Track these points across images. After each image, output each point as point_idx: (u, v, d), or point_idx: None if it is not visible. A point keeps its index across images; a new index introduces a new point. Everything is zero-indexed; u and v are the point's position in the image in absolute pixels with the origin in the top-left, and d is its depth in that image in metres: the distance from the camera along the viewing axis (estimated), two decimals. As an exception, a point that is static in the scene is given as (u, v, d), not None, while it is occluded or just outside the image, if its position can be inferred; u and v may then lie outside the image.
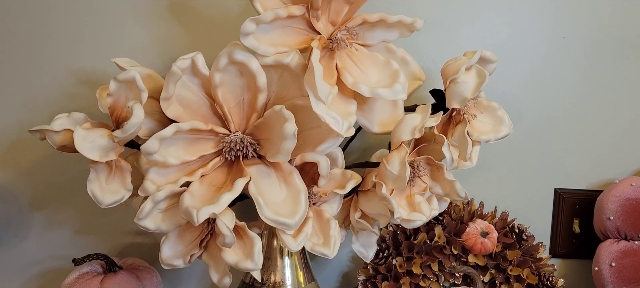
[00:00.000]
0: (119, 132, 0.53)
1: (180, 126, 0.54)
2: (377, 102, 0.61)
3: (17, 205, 0.76)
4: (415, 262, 0.71)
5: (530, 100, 0.77)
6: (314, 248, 0.58)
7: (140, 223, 0.55)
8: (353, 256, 0.80)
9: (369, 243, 0.66)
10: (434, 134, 0.60)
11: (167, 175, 0.57)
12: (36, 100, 0.74)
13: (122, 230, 0.77)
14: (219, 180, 0.57)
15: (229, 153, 0.57)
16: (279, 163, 0.57)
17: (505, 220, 0.73)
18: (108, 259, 0.66)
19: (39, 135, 0.56)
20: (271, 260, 0.65)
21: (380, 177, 0.57)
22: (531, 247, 0.72)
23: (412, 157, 0.59)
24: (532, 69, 0.76)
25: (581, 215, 0.78)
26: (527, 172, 0.78)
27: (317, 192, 0.60)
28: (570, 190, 0.78)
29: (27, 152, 0.75)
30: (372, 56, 0.59)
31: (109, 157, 0.54)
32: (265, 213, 0.54)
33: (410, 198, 0.60)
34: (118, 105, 0.56)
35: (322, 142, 0.57)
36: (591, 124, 0.78)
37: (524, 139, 0.77)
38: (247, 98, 0.57)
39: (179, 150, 0.55)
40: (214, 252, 0.58)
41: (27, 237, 0.76)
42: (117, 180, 0.57)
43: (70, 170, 0.75)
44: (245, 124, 0.58)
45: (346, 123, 0.54)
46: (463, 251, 0.72)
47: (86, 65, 0.73)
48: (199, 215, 0.51)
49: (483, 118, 0.63)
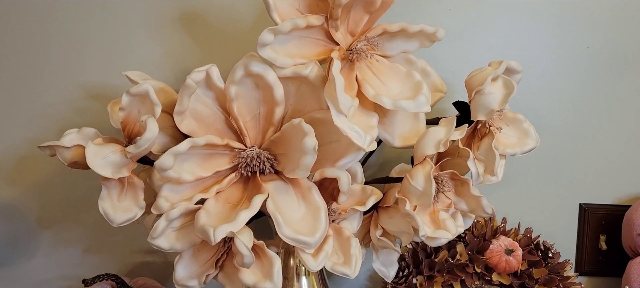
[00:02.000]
0: (132, 148, 0.51)
1: (195, 141, 0.52)
2: (398, 115, 0.59)
3: (24, 224, 0.74)
4: (437, 280, 0.69)
5: (552, 112, 0.75)
6: (334, 267, 0.56)
7: (154, 243, 0.53)
8: (371, 274, 0.77)
9: (390, 262, 0.63)
10: (457, 147, 0.57)
11: (181, 192, 0.55)
12: (44, 116, 0.72)
13: (132, 249, 0.75)
14: (235, 197, 0.55)
15: (245, 169, 0.55)
16: (297, 179, 0.55)
17: (530, 236, 0.71)
18: (119, 279, 0.64)
19: (49, 151, 0.54)
20: (288, 280, 0.63)
21: (404, 193, 0.55)
22: (558, 265, 0.69)
23: (435, 172, 0.57)
24: (555, 80, 0.74)
25: (608, 231, 0.75)
26: (550, 186, 0.76)
27: (337, 208, 0.58)
28: (596, 205, 0.76)
29: (35, 169, 0.73)
30: (393, 67, 0.57)
31: (121, 173, 0.52)
32: (284, 232, 0.51)
33: (435, 215, 0.57)
34: (130, 120, 0.54)
35: (342, 157, 0.55)
36: (617, 136, 0.75)
37: (547, 152, 0.75)
38: (263, 111, 0.55)
39: (194, 166, 0.53)
40: (230, 272, 0.56)
41: (35, 256, 0.74)
42: (129, 198, 0.55)
43: (79, 188, 0.73)
44: (262, 139, 0.55)
45: (369, 137, 0.52)
46: (486, 269, 0.69)
47: (96, 79, 0.72)
48: (216, 233, 0.49)
49: (508, 131, 0.61)
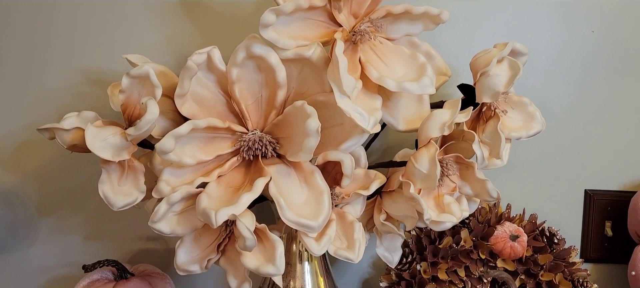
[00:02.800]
0: (133, 130, 0.50)
1: (196, 123, 0.51)
2: (402, 99, 0.58)
3: (24, 210, 0.73)
4: (441, 267, 0.68)
5: (558, 97, 0.74)
6: (337, 252, 0.55)
7: (154, 227, 0.52)
8: (374, 261, 0.76)
9: (394, 248, 0.62)
10: (462, 131, 0.56)
11: (182, 176, 0.54)
12: (45, 101, 0.71)
13: (133, 236, 0.74)
14: (237, 181, 0.55)
15: (247, 152, 0.54)
16: (299, 162, 0.54)
17: (535, 222, 0.70)
18: (119, 265, 0.63)
19: (48, 134, 0.53)
20: (291, 266, 0.62)
21: (408, 177, 0.54)
22: (563, 251, 0.68)
23: (439, 155, 0.56)
24: (560, 64, 0.73)
25: (613, 218, 0.75)
26: (555, 172, 0.75)
27: (340, 193, 0.57)
28: (602, 191, 0.75)
29: (35, 155, 0.72)
30: (397, 49, 0.56)
31: (121, 156, 0.52)
32: (286, 215, 0.51)
33: (439, 199, 0.57)
34: (131, 103, 0.53)
35: (345, 140, 0.54)
36: (623, 122, 0.74)
37: (552, 137, 0.74)
38: (265, 94, 0.54)
39: (195, 150, 0.53)
40: (232, 257, 0.55)
41: (34, 243, 0.73)
42: (130, 182, 0.54)
43: (79, 174, 0.73)
44: (264, 122, 0.55)
45: (372, 118, 0.51)
46: (491, 255, 0.68)
47: (96, 64, 0.71)
48: (217, 216, 0.48)
49: (513, 114, 0.60)
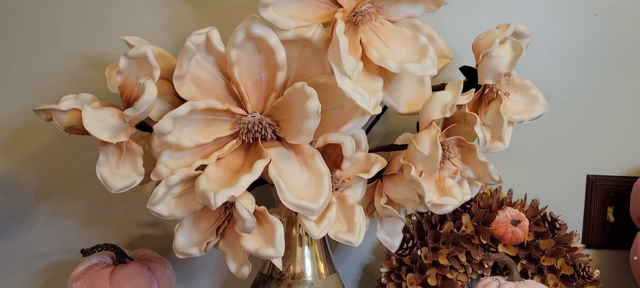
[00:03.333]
0: (130, 111, 0.50)
1: (195, 104, 0.50)
2: (403, 81, 0.57)
3: (22, 195, 0.72)
4: (442, 252, 0.68)
5: (560, 81, 0.73)
6: (337, 235, 0.54)
7: (153, 209, 0.52)
8: (374, 247, 0.76)
9: (395, 232, 0.62)
10: (463, 114, 0.56)
11: (180, 158, 0.53)
12: (42, 85, 0.71)
13: (132, 221, 0.74)
14: (236, 164, 0.54)
15: (247, 135, 0.54)
16: (299, 145, 0.53)
17: (536, 208, 0.69)
18: (118, 250, 0.63)
19: (44, 115, 0.53)
20: (290, 250, 0.62)
21: (409, 159, 0.53)
22: (565, 236, 0.68)
23: (441, 138, 0.56)
24: (562, 49, 0.73)
25: (615, 203, 0.74)
26: (557, 157, 0.74)
27: (340, 176, 0.57)
28: (604, 177, 0.74)
29: (32, 140, 0.72)
30: (398, 31, 0.55)
31: (119, 138, 0.51)
32: (286, 198, 0.50)
33: (440, 182, 0.56)
34: (129, 84, 0.53)
35: (345, 122, 0.53)
36: (626, 106, 0.73)
37: (554, 122, 0.73)
38: (265, 77, 0.54)
39: (194, 132, 0.52)
40: (231, 240, 0.54)
41: (32, 229, 0.73)
42: (128, 164, 0.53)
43: (77, 158, 0.72)
44: (263, 105, 0.54)
45: (373, 100, 0.51)
46: (492, 241, 0.68)
47: (94, 48, 0.70)
48: (216, 198, 0.48)
49: (516, 97, 0.59)
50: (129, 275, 0.60)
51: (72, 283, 0.60)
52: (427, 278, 0.67)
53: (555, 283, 0.66)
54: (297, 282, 0.60)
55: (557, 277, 0.67)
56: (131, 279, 0.60)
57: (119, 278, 0.59)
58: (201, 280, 0.75)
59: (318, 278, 0.61)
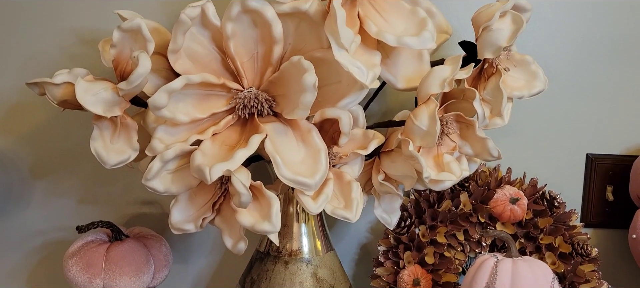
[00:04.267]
0: (124, 84, 0.49)
1: (190, 78, 0.50)
2: (402, 56, 0.57)
3: (18, 173, 0.72)
4: (440, 230, 0.67)
5: (560, 58, 0.72)
6: (334, 211, 0.54)
7: (148, 185, 0.51)
8: (372, 226, 0.76)
9: (392, 209, 0.62)
10: (462, 90, 0.55)
11: (176, 134, 0.53)
12: (36, 62, 0.70)
13: (128, 200, 0.73)
14: (232, 140, 0.53)
15: (243, 110, 0.53)
16: (296, 121, 0.53)
17: (535, 186, 0.69)
18: (114, 227, 0.62)
19: (37, 89, 0.52)
20: (287, 228, 0.61)
21: (407, 134, 0.53)
22: (563, 215, 0.67)
23: (439, 113, 0.55)
24: (563, 25, 0.72)
25: (615, 182, 0.74)
26: (556, 136, 0.74)
27: (337, 152, 0.56)
28: (603, 156, 0.74)
29: (27, 117, 0.71)
30: (397, 4, 0.54)
31: (113, 112, 0.50)
32: (283, 173, 0.50)
33: (438, 159, 0.55)
34: (122, 58, 0.52)
35: (343, 97, 0.53)
36: (626, 85, 0.73)
37: (554, 100, 0.73)
38: (261, 51, 0.53)
39: (189, 107, 0.52)
40: (227, 216, 0.54)
41: (28, 207, 0.73)
42: (122, 139, 0.53)
43: (72, 136, 0.71)
44: (260, 80, 0.53)
45: (371, 73, 0.50)
46: (490, 219, 0.68)
47: (88, 24, 0.69)
48: (212, 172, 0.47)
49: (515, 73, 0.58)
50: (125, 251, 0.60)
51: (67, 260, 0.60)
52: (424, 256, 0.67)
53: (554, 261, 0.66)
54: (294, 259, 0.60)
55: (555, 255, 0.66)
56: (127, 256, 0.59)
57: (114, 255, 0.59)
58: (198, 259, 0.75)
59: (315, 255, 0.61)
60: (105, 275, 0.59)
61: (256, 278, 0.61)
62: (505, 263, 0.52)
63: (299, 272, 0.60)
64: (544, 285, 0.51)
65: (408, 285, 0.66)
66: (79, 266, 0.59)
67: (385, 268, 0.68)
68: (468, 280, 0.54)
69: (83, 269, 0.59)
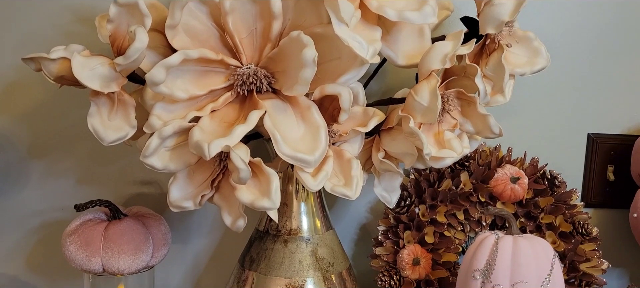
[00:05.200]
0: (121, 59, 0.48)
1: (188, 53, 0.49)
2: (402, 32, 0.56)
3: (15, 153, 0.71)
4: (440, 210, 0.67)
5: (561, 37, 0.72)
6: (334, 189, 0.54)
7: (146, 161, 0.51)
8: (372, 206, 0.75)
9: (392, 188, 0.61)
10: (463, 67, 0.55)
11: (174, 111, 0.52)
12: (32, 41, 0.69)
13: (127, 180, 0.73)
14: (231, 117, 0.53)
15: (241, 87, 0.52)
16: (295, 98, 0.52)
17: (536, 166, 0.69)
18: (112, 206, 0.62)
19: (33, 65, 0.51)
20: (287, 206, 0.61)
21: (408, 111, 0.52)
22: (564, 194, 0.67)
23: (440, 90, 0.54)
24: (566, 2, 0.71)
25: (616, 162, 0.73)
26: (558, 115, 0.73)
27: (337, 130, 0.56)
28: (605, 135, 0.73)
29: (24, 96, 0.70)
30: (398, -21, 0.53)
31: (110, 87, 0.50)
32: (282, 149, 0.49)
33: (439, 136, 0.55)
34: (119, 34, 0.51)
35: (343, 73, 0.52)
36: (628, 63, 0.72)
37: (555, 80, 0.72)
38: (260, 27, 0.52)
39: (187, 83, 0.51)
40: (226, 193, 0.54)
41: (26, 187, 0.72)
42: (120, 116, 0.52)
43: (70, 115, 0.71)
44: (259, 56, 0.53)
45: (371, 48, 0.49)
46: (491, 199, 0.67)
47: (85, 1, 0.68)
48: (210, 148, 0.47)
49: (517, 50, 0.58)
50: (123, 230, 0.59)
51: (66, 238, 0.60)
52: (424, 236, 0.66)
53: (554, 240, 0.66)
54: (294, 237, 0.60)
55: (556, 235, 0.66)
56: (125, 234, 0.59)
57: (113, 233, 0.59)
58: (197, 239, 0.75)
59: (314, 234, 0.61)
60: (104, 253, 0.58)
61: (255, 256, 0.61)
62: (506, 240, 0.52)
63: (299, 250, 0.60)
64: (545, 263, 0.51)
65: (408, 265, 0.65)
66: (78, 244, 0.58)
67: (384, 247, 0.68)
68: (468, 258, 0.53)
69: (82, 247, 0.58)
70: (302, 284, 0.59)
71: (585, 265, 0.66)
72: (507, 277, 0.51)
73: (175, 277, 0.75)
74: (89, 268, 0.59)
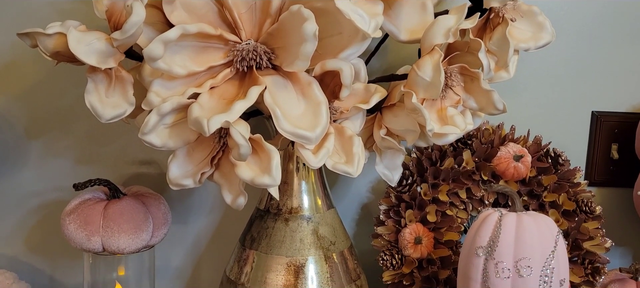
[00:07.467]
0: (118, 34, 0.47)
1: (186, 27, 0.48)
2: (405, 7, 0.55)
3: (12, 134, 0.71)
4: (442, 189, 0.66)
5: (566, 12, 0.70)
6: (335, 166, 0.53)
7: (144, 139, 0.50)
8: (373, 186, 0.75)
9: (394, 165, 0.60)
10: (466, 42, 0.54)
11: (172, 88, 0.51)
12: (27, 19, 0.68)
13: (126, 160, 0.72)
14: (230, 93, 0.52)
15: (241, 63, 0.51)
16: (296, 74, 0.51)
17: (539, 144, 0.68)
18: (112, 185, 0.61)
19: (29, 41, 0.51)
20: (287, 185, 0.60)
21: (410, 86, 0.51)
22: (568, 172, 0.66)
23: (443, 66, 0.53)
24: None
25: (620, 140, 0.72)
26: (562, 93, 0.72)
27: (338, 107, 0.55)
28: (609, 113, 0.72)
29: (21, 76, 0.69)
30: (400, -48, 0.52)
31: (108, 63, 0.49)
32: (282, 126, 0.48)
33: (442, 113, 0.54)
34: (116, 9, 0.50)
35: (344, 49, 0.51)
36: (633, 41, 0.71)
37: (559, 57, 0.71)
38: (259, 2, 0.51)
39: (186, 59, 0.50)
40: (226, 170, 0.53)
41: (24, 167, 0.72)
42: (118, 93, 0.51)
43: (68, 95, 0.70)
44: (258, 32, 0.52)
45: (373, 22, 0.48)
46: (493, 177, 0.67)
47: (81, -21, 0.68)
48: (210, 123, 0.46)
49: (521, 25, 0.57)
50: (123, 208, 0.59)
51: (65, 217, 0.59)
52: (426, 215, 0.66)
53: (557, 219, 0.65)
54: (295, 216, 0.59)
55: (559, 213, 0.66)
56: (125, 213, 0.58)
57: (112, 212, 0.58)
58: (197, 219, 0.74)
59: (316, 212, 0.60)
60: (104, 232, 0.58)
61: (256, 235, 0.60)
62: (510, 217, 0.51)
63: (300, 229, 0.59)
64: (549, 239, 0.51)
65: (409, 244, 0.65)
66: (77, 223, 0.58)
67: (386, 227, 0.67)
68: (471, 235, 0.53)
69: (81, 226, 0.58)
70: (304, 263, 0.58)
71: (588, 244, 0.65)
72: (510, 254, 0.50)
73: (176, 257, 0.75)
74: (89, 247, 0.59)
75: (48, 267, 0.74)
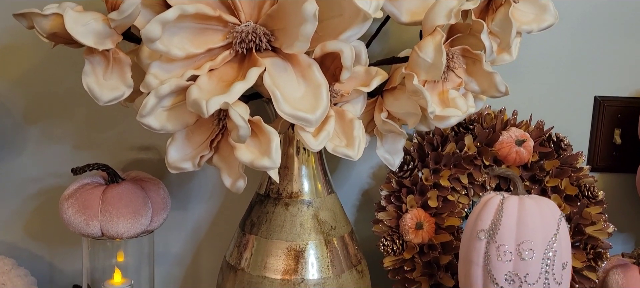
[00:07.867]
0: (115, 14, 0.47)
1: (184, 8, 0.47)
2: (406, -12, 0.54)
3: (10, 119, 0.70)
4: (443, 174, 0.66)
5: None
6: (336, 149, 0.52)
7: (143, 121, 0.49)
8: (374, 172, 0.74)
9: (395, 150, 0.60)
10: (468, 25, 0.53)
11: (171, 70, 0.51)
12: (25, 2, 0.67)
13: (124, 146, 0.72)
14: (229, 76, 0.51)
15: (240, 45, 0.51)
16: (296, 56, 0.51)
17: (542, 128, 0.67)
18: (110, 170, 0.61)
19: (25, 22, 0.50)
20: (287, 169, 0.60)
21: (411, 68, 0.51)
22: (570, 157, 0.66)
23: (445, 47, 0.53)
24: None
25: (623, 125, 0.72)
26: (564, 78, 0.72)
27: (339, 90, 0.54)
28: (612, 98, 0.72)
29: (19, 60, 0.69)
30: None
31: (105, 44, 0.48)
32: (282, 108, 0.48)
33: (444, 95, 0.54)
34: (114, -10, 0.50)
35: (345, 30, 0.50)
36: (637, 25, 0.70)
37: (562, 42, 0.70)
38: (259, -17, 0.50)
39: (184, 41, 0.49)
40: (226, 154, 0.52)
41: (22, 153, 0.71)
42: (116, 75, 0.51)
43: (66, 80, 0.69)
44: (258, 14, 0.51)
45: (374, 2, 0.48)
46: (495, 162, 0.66)
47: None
48: (209, 105, 0.45)
49: (524, 7, 0.56)
50: (122, 193, 0.58)
51: (63, 202, 0.59)
52: (427, 200, 0.65)
53: (559, 203, 0.65)
54: (295, 200, 0.59)
55: (561, 198, 0.65)
56: (124, 197, 0.58)
57: (111, 197, 0.58)
58: (197, 205, 0.74)
59: (316, 197, 0.60)
60: (102, 216, 0.57)
61: (256, 220, 0.60)
62: (512, 200, 0.51)
63: (300, 213, 0.59)
64: (551, 222, 0.50)
65: (410, 229, 0.65)
66: (75, 208, 0.57)
67: (387, 212, 0.67)
68: (473, 218, 0.52)
69: (79, 211, 0.57)
70: (304, 247, 0.58)
71: (590, 229, 0.65)
72: (512, 237, 0.50)
73: (176, 243, 0.75)
74: (88, 232, 0.58)
75: (47, 253, 0.74)
